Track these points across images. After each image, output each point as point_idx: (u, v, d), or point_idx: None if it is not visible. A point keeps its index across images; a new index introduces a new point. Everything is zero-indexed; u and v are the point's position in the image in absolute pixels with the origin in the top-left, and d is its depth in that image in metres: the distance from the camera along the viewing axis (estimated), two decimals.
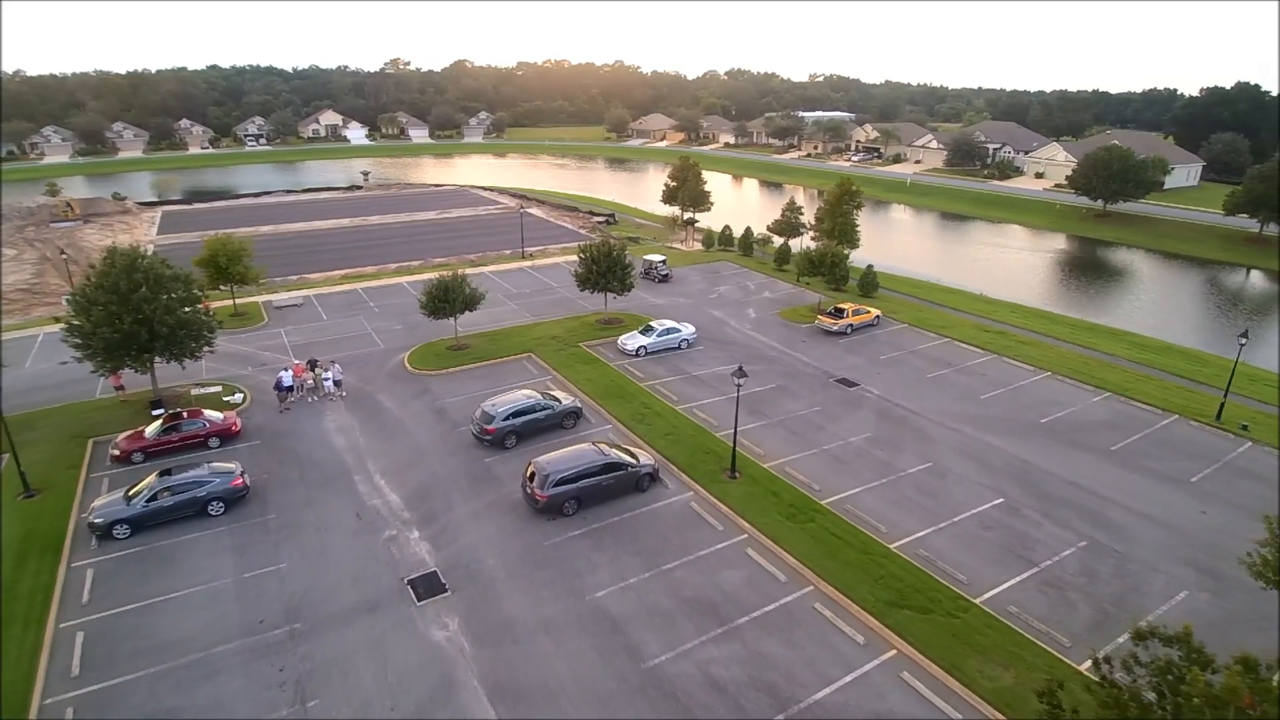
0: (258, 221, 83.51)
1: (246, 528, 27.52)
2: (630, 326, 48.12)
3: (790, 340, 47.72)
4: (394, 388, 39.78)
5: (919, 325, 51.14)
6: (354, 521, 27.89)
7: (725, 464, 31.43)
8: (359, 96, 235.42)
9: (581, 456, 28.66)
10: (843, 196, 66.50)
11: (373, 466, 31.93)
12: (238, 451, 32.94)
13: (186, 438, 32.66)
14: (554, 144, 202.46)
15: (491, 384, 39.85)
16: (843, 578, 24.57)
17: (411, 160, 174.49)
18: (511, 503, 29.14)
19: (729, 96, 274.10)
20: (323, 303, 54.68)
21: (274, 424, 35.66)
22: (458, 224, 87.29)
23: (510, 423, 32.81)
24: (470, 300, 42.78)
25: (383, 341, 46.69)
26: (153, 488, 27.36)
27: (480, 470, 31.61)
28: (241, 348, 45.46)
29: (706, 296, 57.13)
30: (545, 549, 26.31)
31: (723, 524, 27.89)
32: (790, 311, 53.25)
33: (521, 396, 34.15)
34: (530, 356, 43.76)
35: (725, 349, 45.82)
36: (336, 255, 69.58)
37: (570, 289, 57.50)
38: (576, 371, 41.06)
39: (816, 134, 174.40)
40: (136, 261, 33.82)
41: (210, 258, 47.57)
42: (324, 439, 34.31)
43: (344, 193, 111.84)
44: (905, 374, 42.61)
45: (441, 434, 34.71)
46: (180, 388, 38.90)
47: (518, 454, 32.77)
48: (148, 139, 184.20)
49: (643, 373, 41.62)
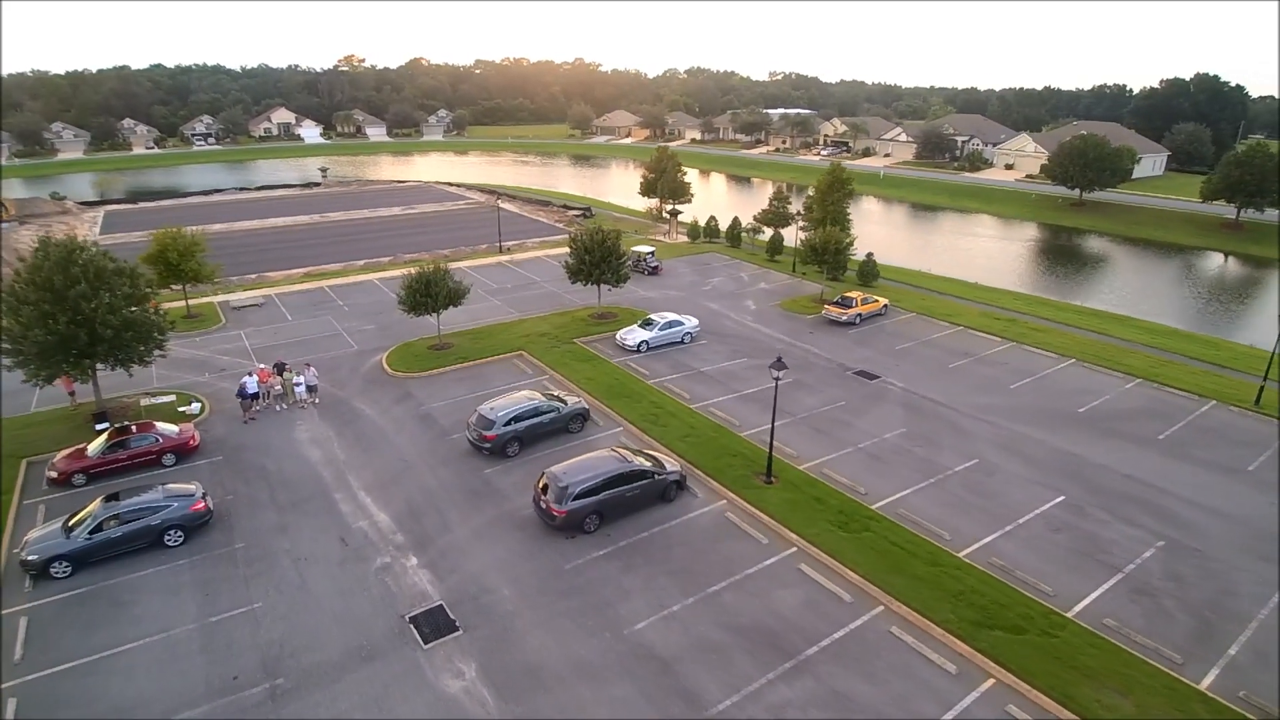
0: (208, 220, 77.63)
1: (211, 560, 23.39)
2: (625, 321, 44.66)
3: (796, 332, 44.72)
4: (371, 392, 35.74)
5: (927, 314, 48.61)
6: (339, 548, 23.94)
7: (757, 467, 28.15)
8: (312, 94, 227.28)
9: (602, 464, 25.12)
10: (834, 185, 63.99)
11: (355, 482, 27.96)
12: (197, 469, 28.68)
13: (136, 455, 28.26)
14: (517, 141, 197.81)
15: (481, 386, 36.07)
16: (916, 595, 21.43)
17: (369, 158, 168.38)
18: (519, 519, 25.46)
19: (690, 94, 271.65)
20: (285, 302, 50.12)
21: (237, 436, 31.42)
22: (426, 219, 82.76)
23: (512, 428, 29.08)
24: (455, 294, 38.92)
25: (355, 342, 42.50)
26: (97, 516, 23.10)
27: (479, 483, 27.86)
28: (197, 352, 40.87)
29: (700, 289, 53.91)
30: (566, 574, 22.70)
31: (766, 536, 24.58)
32: (791, 302, 50.30)
33: (523, 398, 30.45)
34: (522, 355, 40.01)
35: (729, 342, 42.61)
36: (297, 253, 64.76)
37: (554, 284, 53.95)
38: (574, 370, 37.44)
39: (784, 129, 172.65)
40: (73, 254, 29.31)
41: (159, 253, 42.82)
42: (296, 452, 30.20)
43: (301, 190, 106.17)
44: (925, 365, 39.88)
45: (430, 443, 30.84)
46: (128, 398, 34.33)
47: (520, 463, 29.09)
48: (89, 140, 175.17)
49: (647, 369, 38.17)
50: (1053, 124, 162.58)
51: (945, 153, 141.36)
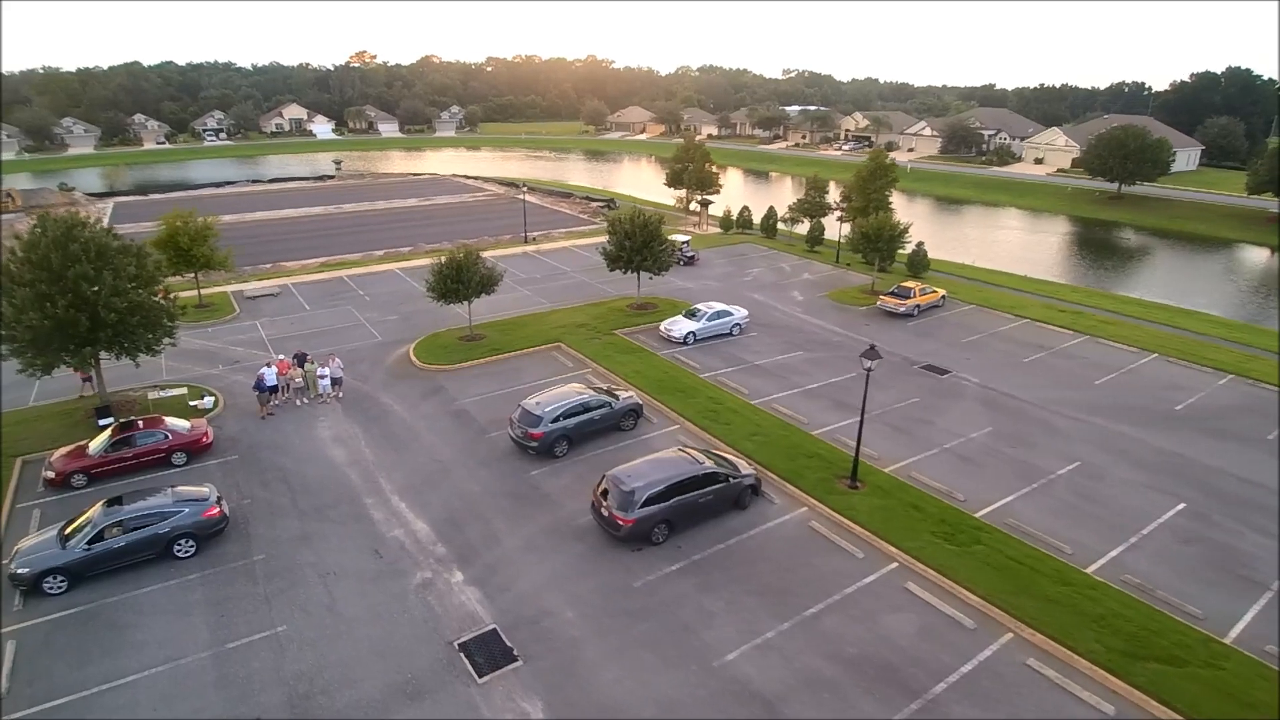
0: (220, 210, 74.47)
1: (226, 575, 20.40)
2: (666, 312, 41.58)
3: (850, 324, 41.53)
4: (398, 386, 32.76)
5: (987, 306, 45.41)
6: (372, 561, 20.92)
7: (838, 469, 25.02)
8: (324, 91, 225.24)
9: (671, 466, 22.03)
10: (876, 173, 60.78)
11: (386, 485, 24.94)
12: (209, 470, 25.73)
13: (142, 454, 25.31)
14: (530, 138, 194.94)
15: (517, 380, 33.07)
16: (1051, 620, 18.25)
17: (380, 154, 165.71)
18: (575, 528, 22.40)
19: (703, 91, 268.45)
20: (302, 292, 47.22)
21: (255, 433, 28.47)
22: (445, 210, 79.86)
23: (561, 425, 25.99)
24: (487, 281, 35.95)
25: (379, 333, 39.53)
26: (96, 523, 20.16)
27: (525, 486, 24.81)
28: (209, 343, 38.00)
29: (740, 279, 50.77)
30: (636, 592, 19.62)
31: (861, 549, 21.43)
32: (839, 293, 47.12)
33: (570, 392, 27.36)
34: (559, 346, 36.97)
35: (780, 334, 39.48)
36: (313, 243, 61.91)
37: (585, 274, 51.00)
38: (619, 363, 34.37)
39: (803, 124, 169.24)
40: (73, 230, 26.38)
41: (169, 238, 39.97)
42: (319, 451, 27.21)
43: (314, 182, 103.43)
44: (997, 359, 36.68)
45: (467, 442, 27.82)
46: (134, 391, 31.45)
47: (569, 464, 26.05)
48: (99, 135, 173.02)
49: (696, 363, 35.08)
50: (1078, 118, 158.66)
51: (971, 147, 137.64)
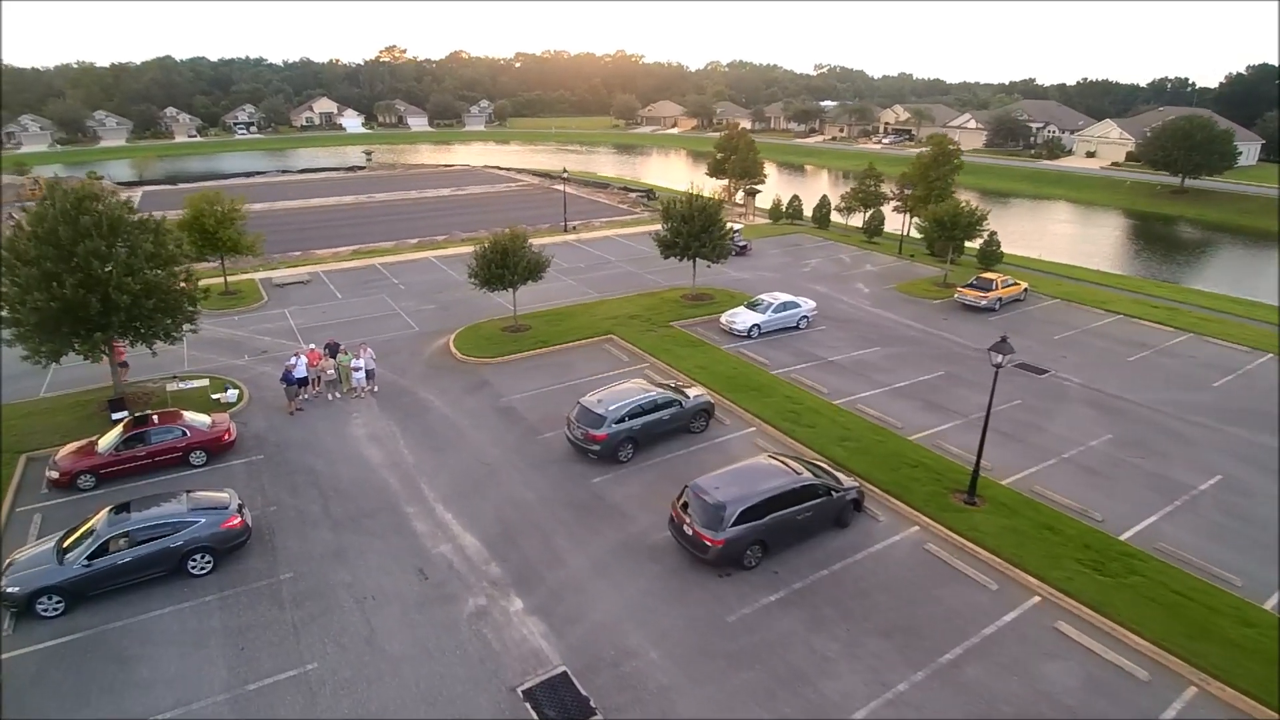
0: (249, 199, 72.45)
1: (248, 597, 17.46)
2: (724, 303, 38.31)
3: (925, 317, 37.94)
4: (439, 380, 29.78)
5: (1072, 300, 41.61)
6: (416, 583, 17.88)
7: (949, 482, 21.60)
8: (354, 85, 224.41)
9: (764, 477, 18.77)
10: (939, 159, 56.99)
11: (429, 491, 21.92)
12: (231, 472, 22.88)
13: (157, 452, 22.52)
14: (560, 132, 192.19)
15: (569, 374, 29.98)
16: (1243, 673, 14.77)
17: (409, 147, 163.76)
18: (649, 547, 19.21)
19: (733, 87, 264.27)
20: (333, 280, 44.51)
21: (282, 430, 25.61)
22: (479, 199, 77.10)
23: (626, 425, 22.80)
24: (535, 266, 32.98)
25: (415, 323, 36.66)
26: (99, 534, 17.33)
27: (586, 495, 21.66)
28: (235, 332, 35.34)
29: (797, 270, 47.30)
30: (732, 629, 16.37)
31: (994, 579, 18.00)
32: (908, 286, 43.49)
33: (635, 389, 24.17)
34: (612, 339, 33.83)
35: (851, 328, 36.02)
36: (344, 231, 59.35)
37: (630, 263, 47.87)
38: (679, 357, 31.13)
39: (841, 117, 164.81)
40: (84, 202, 23.67)
41: (194, 220, 37.48)
42: (353, 451, 24.27)
43: (345, 173, 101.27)
44: (1096, 357, 32.96)
45: (516, 442, 24.73)
46: (152, 383, 28.77)
47: (635, 470, 22.86)
48: (131, 128, 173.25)
49: (765, 358, 31.75)
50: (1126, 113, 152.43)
51: (1018, 140, 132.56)
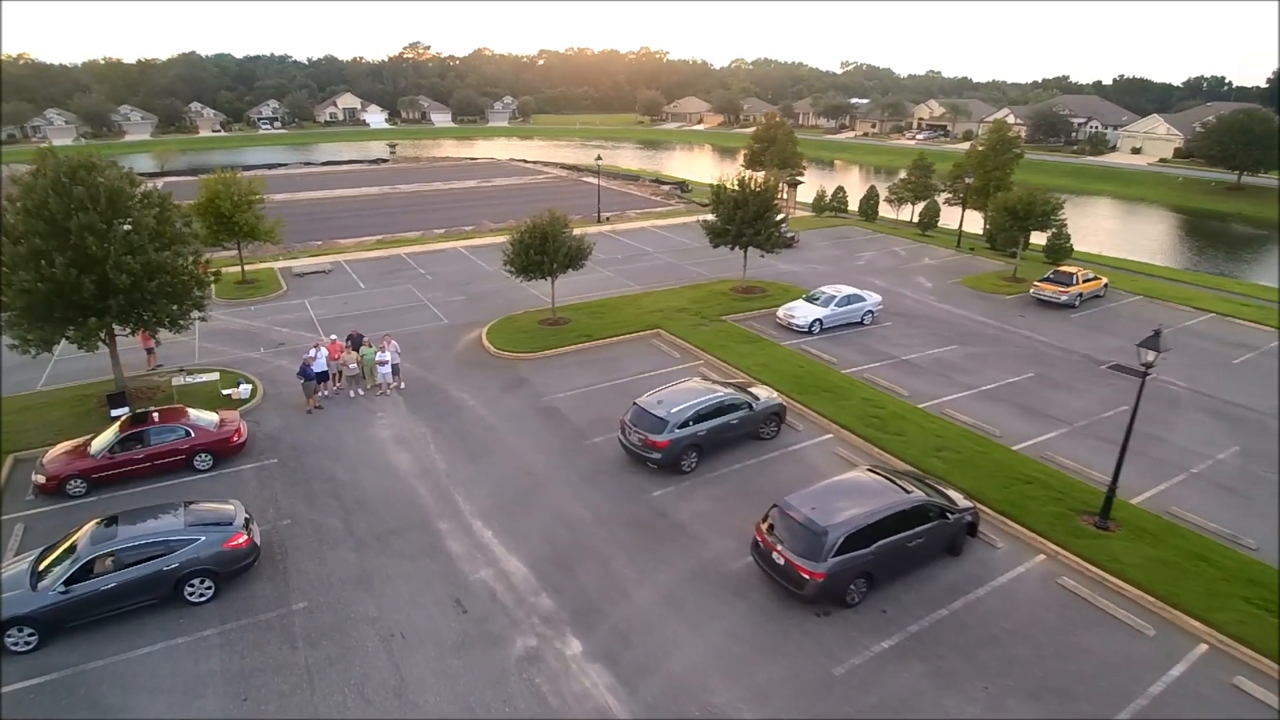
0: (271, 190, 70.18)
1: (254, 632, 14.64)
2: (777, 297, 35.22)
3: (1000, 314, 34.63)
4: (472, 376, 26.93)
5: (1154, 296, 38.17)
6: (453, 617, 14.98)
7: (1074, 502, 18.38)
8: (377, 81, 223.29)
9: (868, 495, 15.69)
10: (999, 146, 53.54)
11: (466, 504, 19.02)
12: (241, 478, 20.14)
13: (157, 455, 19.81)
14: (585, 128, 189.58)
15: (615, 371, 27.04)
16: None
17: (432, 142, 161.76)
18: (729, 577, 16.20)
19: (759, 84, 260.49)
20: (357, 269, 41.85)
21: (299, 431, 22.86)
22: (507, 191, 74.47)
23: (690, 430, 19.76)
24: (577, 253, 30.09)
25: (444, 315, 33.87)
26: (81, 555, 14.62)
27: (647, 512, 18.67)
28: (251, 322, 32.73)
29: (850, 263, 44.06)
30: (842, 684, 13.31)
31: (1149, 622, 14.79)
32: (975, 280, 40.13)
33: (699, 389, 21.14)
34: (659, 333, 30.83)
35: (920, 324, 32.80)
36: (367, 221, 56.84)
37: (670, 255, 44.93)
38: (738, 354, 28.05)
39: (872, 112, 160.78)
40: (78, 171, 21.02)
41: (209, 202, 34.90)
42: (379, 456, 21.45)
43: (368, 165, 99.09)
44: (1198, 359, 29.54)
45: (563, 449, 21.80)
46: (158, 376, 26.17)
47: (700, 481, 19.85)
48: (155, 123, 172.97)
49: (831, 355, 28.62)
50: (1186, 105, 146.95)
51: (1059, 135, 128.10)
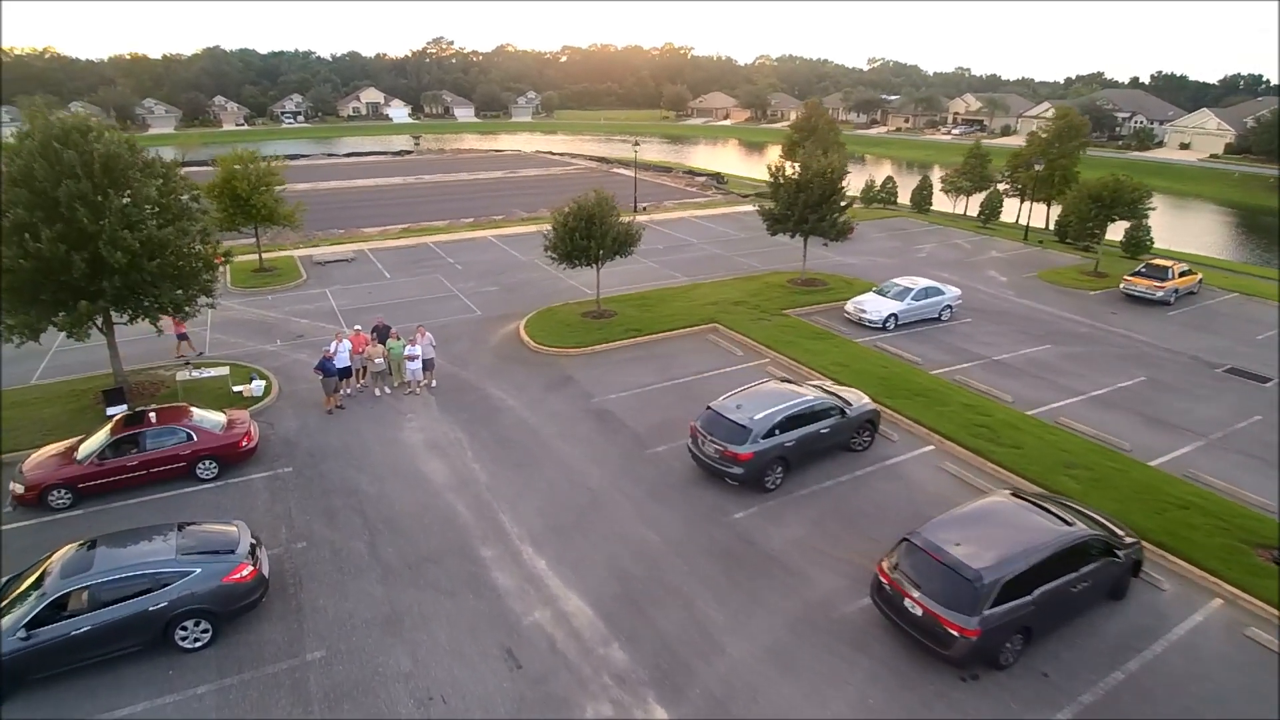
0: (293, 180, 67.68)
1: (259, 689, 11.78)
2: (839, 290, 32.10)
3: (1090, 311, 31.28)
4: (511, 373, 24.02)
5: (1251, 294, 34.70)
6: (506, 674, 12.04)
7: (1244, 532, 15.18)
8: (400, 76, 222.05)
9: (1021, 528, 12.60)
10: (1065, 133, 50.13)
11: (512, 525, 16.09)
12: (251, 489, 17.34)
13: (153, 462, 17.04)
14: (609, 123, 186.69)
15: (673, 370, 24.04)
16: None
17: (455, 137, 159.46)
18: (844, 624, 13.15)
19: (785, 80, 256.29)
20: (381, 258, 39.14)
21: (318, 433, 20.06)
22: (535, 181, 71.71)
23: (777, 440, 16.67)
24: (625, 239, 27.16)
25: (477, 306, 31.02)
26: (50, 589, 11.87)
27: (730, 538, 15.64)
28: (267, 313, 30.06)
29: (911, 255, 40.76)
30: None
31: None
32: (1053, 274, 36.77)
33: (782, 391, 18.08)
34: (716, 328, 27.78)
35: (1002, 320, 29.52)
36: (392, 210, 54.25)
37: (715, 245, 42.01)
38: (809, 352, 24.93)
39: (905, 107, 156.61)
40: (70, 134, 18.35)
41: (224, 183, 32.32)
42: (409, 465, 18.58)
43: (392, 157, 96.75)
44: None
45: (620, 459, 18.81)
46: (162, 369, 23.50)
47: (790, 501, 16.79)
48: (179, 117, 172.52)
49: (913, 354, 25.44)
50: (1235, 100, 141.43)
51: (1104, 130, 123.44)
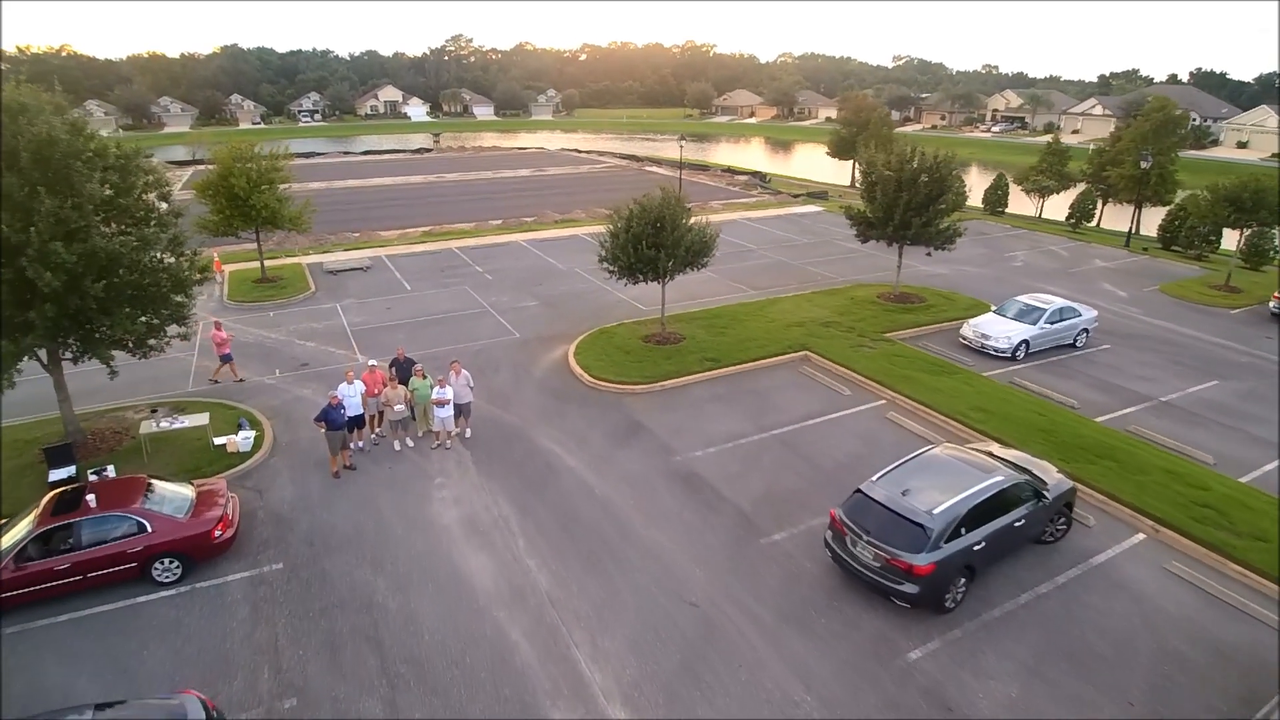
0: (307, 178, 63.68)
1: None
2: (938, 307, 27.15)
3: (1239, 334, 26.13)
4: (565, 417, 19.18)
5: None
6: None
7: None
8: (419, 74, 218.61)
9: None
10: (1162, 127, 45.08)
11: (593, 671, 11.25)
12: (225, 600, 12.62)
13: (91, 564, 12.34)
14: (632, 121, 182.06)
15: (769, 414, 19.12)
16: None
17: (474, 135, 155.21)
18: None
19: (809, 78, 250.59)
20: (401, 266, 34.46)
21: (320, 507, 15.31)
22: (565, 180, 66.99)
23: (964, 543, 11.74)
24: (701, 247, 22.26)
25: (514, 326, 26.20)
26: None
27: (911, 694, 10.74)
28: (268, 333, 25.41)
29: (1005, 264, 35.63)
30: None
31: None
32: (1176, 287, 31.54)
33: (955, 464, 13.13)
34: (808, 356, 22.85)
35: (1144, 347, 24.42)
36: (412, 212, 49.69)
37: (778, 250, 37.20)
38: (934, 391, 19.92)
39: (941, 104, 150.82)
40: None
41: (221, 179, 27.76)
42: (442, 561, 13.78)
43: (411, 155, 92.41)
44: None
45: (727, 551, 13.94)
46: (134, 411, 18.84)
47: (980, 628, 11.86)
48: (195, 115, 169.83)
49: (1064, 394, 20.38)
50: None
51: None
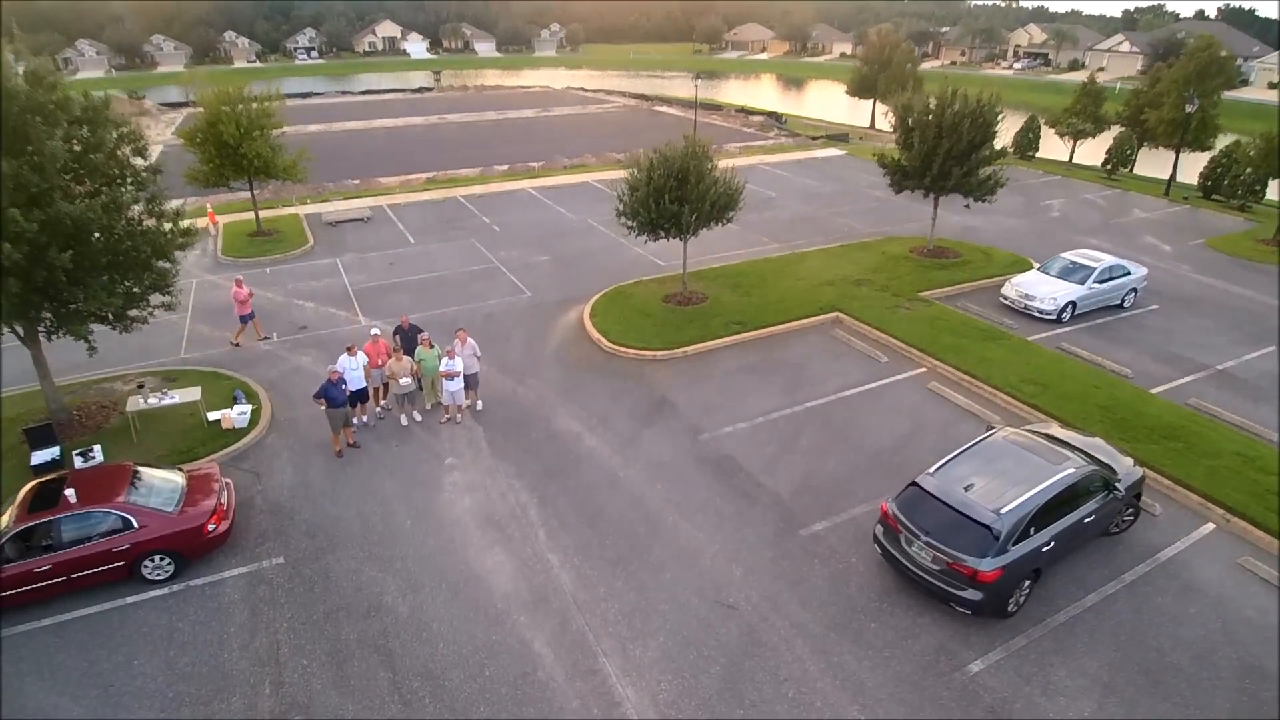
0: (303, 120, 61.20)
1: None
2: (975, 263, 25.57)
3: None
4: (584, 390, 17.88)
5: None
6: None
7: None
8: (418, 10, 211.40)
9: None
10: (1206, 68, 42.43)
11: (625, 686, 10.21)
12: (220, 600, 11.58)
13: (73, 564, 11.27)
14: (639, 58, 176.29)
15: (803, 385, 17.83)
16: None
17: (476, 73, 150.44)
18: None
19: (823, 14, 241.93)
20: (403, 216, 32.80)
21: (322, 493, 14.20)
22: (572, 121, 64.37)
23: (1033, 544, 10.55)
24: (726, 201, 20.67)
25: (525, 284, 24.76)
26: None
27: (975, 713, 9.67)
28: (264, 293, 23.96)
29: (1042, 215, 33.77)
30: None
31: None
32: (1223, 242, 29.80)
33: (1022, 451, 11.85)
34: (839, 319, 21.43)
35: (1197, 309, 22.90)
36: (414, 157, 47.63)
37: (803, 201, 35.34)
38: (981, 361, 18.50)
39: (961, 40, 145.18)
40: None
41: (209, 126, 26.00)
42: (455, 554, 12.69)
43: (412, 94, 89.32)
44: None
45: (764, 547, 12.78)
46: (122, 383, 17.63)
47: (1047, 636, 10.76)
48: (189, 54, 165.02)
49: (1116, 362, 18.99)
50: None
51: None
